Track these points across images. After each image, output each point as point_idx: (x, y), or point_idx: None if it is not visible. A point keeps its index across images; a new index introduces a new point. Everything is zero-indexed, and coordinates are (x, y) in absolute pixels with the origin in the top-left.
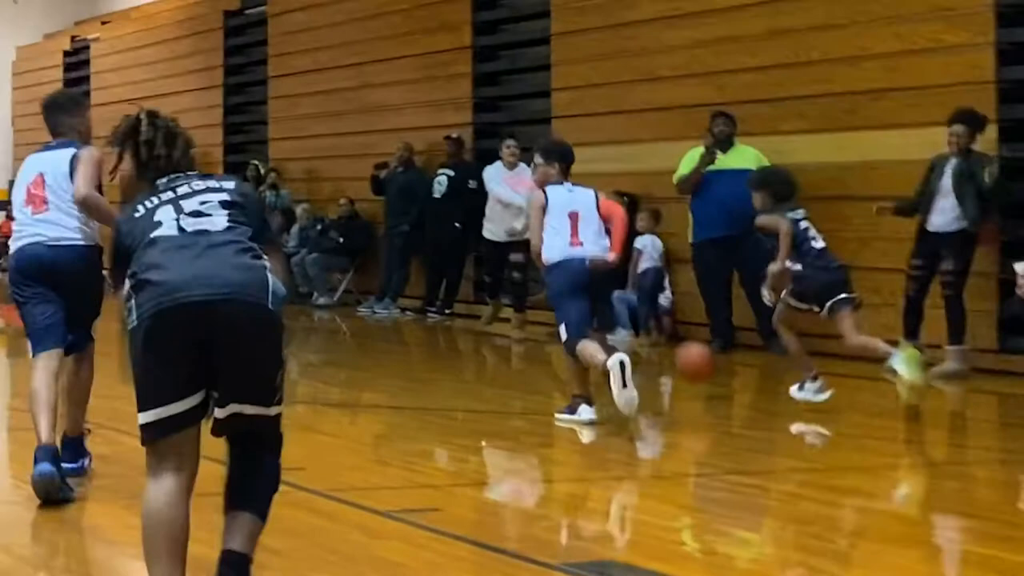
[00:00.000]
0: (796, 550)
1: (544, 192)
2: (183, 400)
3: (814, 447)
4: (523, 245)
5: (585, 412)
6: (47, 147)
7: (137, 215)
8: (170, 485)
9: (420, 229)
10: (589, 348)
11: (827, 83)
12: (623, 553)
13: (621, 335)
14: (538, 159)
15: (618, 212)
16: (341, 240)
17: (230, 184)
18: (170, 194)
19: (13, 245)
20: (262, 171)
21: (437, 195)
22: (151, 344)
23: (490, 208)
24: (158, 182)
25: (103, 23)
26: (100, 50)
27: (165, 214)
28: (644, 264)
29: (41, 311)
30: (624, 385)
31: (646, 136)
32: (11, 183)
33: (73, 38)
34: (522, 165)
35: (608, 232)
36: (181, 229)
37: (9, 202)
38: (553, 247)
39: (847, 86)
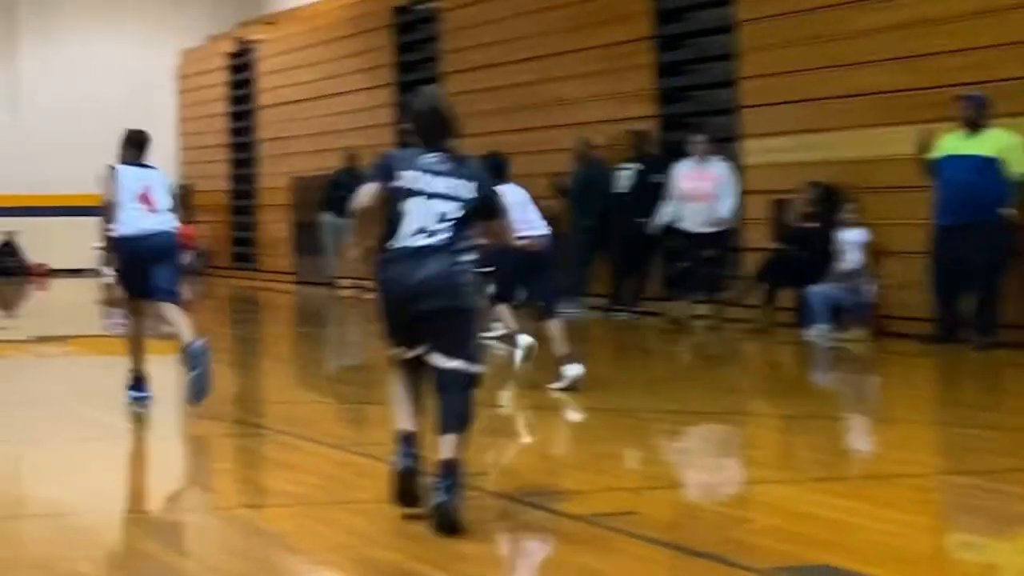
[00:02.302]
0: None
1: None
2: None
3: None
4: (715, 238)
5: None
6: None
7: None
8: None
9: (604, 225)
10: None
11: None
12: (838, 557)
13: (820, 330)
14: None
15: None
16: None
17: None
18: None
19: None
20: None
21: (622, 190)
22: None
23: (675, 201)
24: None
25: (268, 24)
26: (265, 51)
27: None
28: (849, 257)
29: None
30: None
31: (840, 124)
32: (181, 187)
33: (238, 40)
34: (712, 158)
35: None
36: None
37: (181, 206)
38: None
39: None
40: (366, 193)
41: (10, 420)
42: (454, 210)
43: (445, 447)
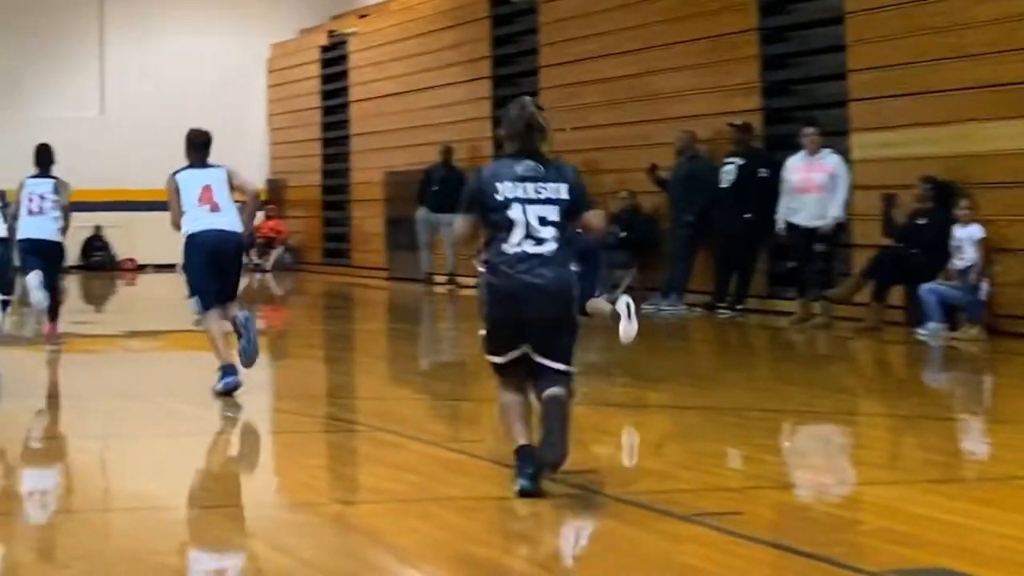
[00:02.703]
0: None
1: None
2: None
3: None
4: (824, 233)
5: None
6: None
7: None
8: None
9: (706, 221)
10: None
11: None
12: (953, 561)
13: (933, 328)
14: None
15: None
16: (623, 234)
17: None
18: None
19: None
20: None
21: (725, 184)
22: None
23: (788, 195)
24: None
25: (361, 16)
26: (358, 44)
27: None
28: (963, 254)
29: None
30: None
31: (953, 118)
32: (269, 181)
33: (330, 33)
34: (824, 151)
35: None
36: None
37: (271, 201)
38: None
39: None
40: (462, 225)
41: (101, 414)
42: (553, 213)
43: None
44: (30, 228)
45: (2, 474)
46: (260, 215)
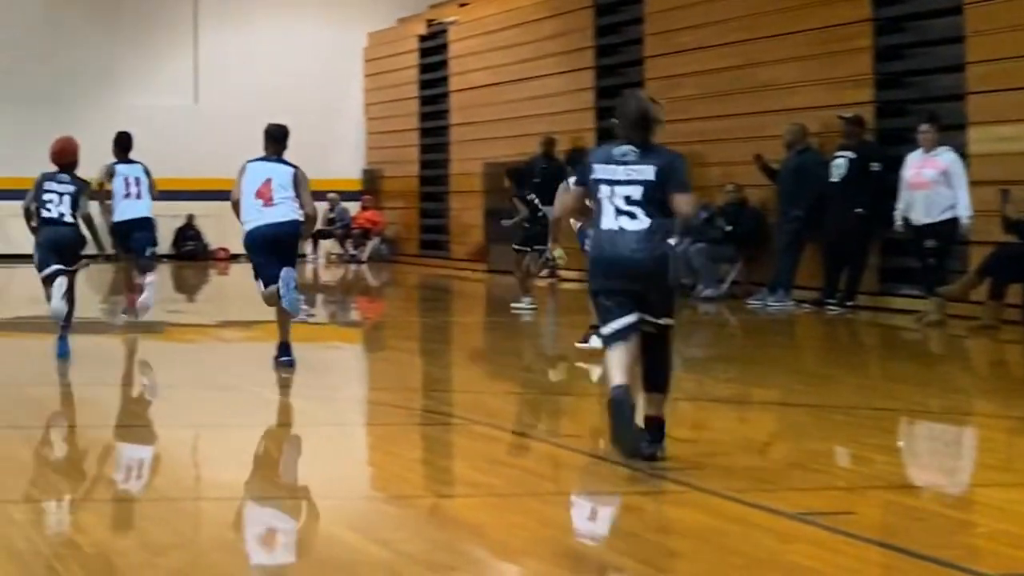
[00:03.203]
0: None
1: None
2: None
3: None
4: (939, 229)
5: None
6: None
7: None
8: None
9: (815, 215)
10: None
11: None
12: None
13: None
14: None
15: None
16: (728, 228)
17: None
18: None
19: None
20: None
21: (835, 179)
22: None
23: (905, 191)
24: None
25: (461, 5)
26: (458, 33)
27: None
28: None
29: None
30: None
31: None
32: (365, 171)
33: (429, 22)
34: (940, 148)
35: None
36: None
37: (367, 191)
38: None
39: None
40: (571, 195)
41: (195, 404)
42: (638, 193)
43: (651, 405)
44: (129, 210)
45: (97, 461)
46: (356, 205)
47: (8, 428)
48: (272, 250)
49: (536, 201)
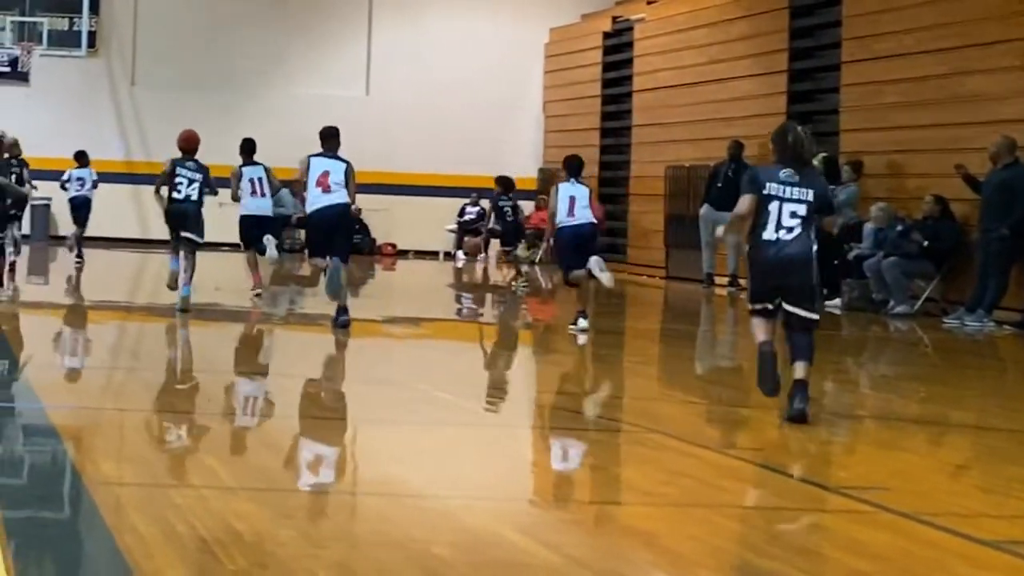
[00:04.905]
0: None
1: None
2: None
3: None
4: None
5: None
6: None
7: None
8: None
9: (1023, 233)
10: None
11: None
12: None
13: None
14: None
15: None
16: (925, 243)
17: None
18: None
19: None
20: (841, 163)
21: None
22: None
23: None
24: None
25: (649, 2)
26: (645, 31)
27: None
28: None
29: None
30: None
31: None
32: (541, 170)
33: (614, 19)
34: None
35: None
36: None
37: (543, 191)
38: None
39: None
40: (745, 203)
41: (364, 400)
42: (802, 210)
43: (799, 370)
44: (253, 206)
45: (256, 450)
46: (531, 205)
47: (168, 413)
48: (329, 227)
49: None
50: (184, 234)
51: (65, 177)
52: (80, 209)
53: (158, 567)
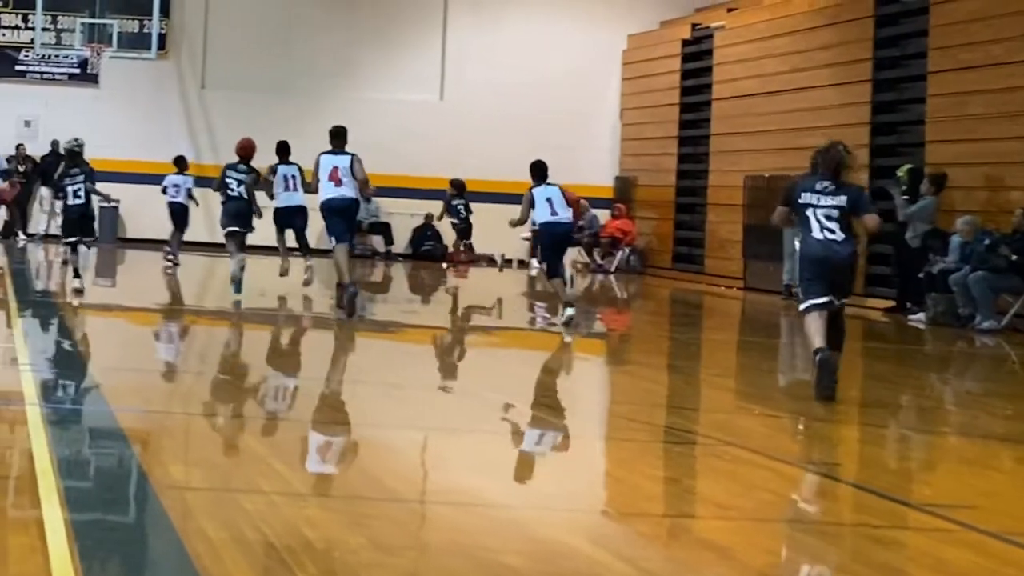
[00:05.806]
0: None
1: None
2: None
3: None
4: None
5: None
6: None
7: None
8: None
9: None
10: None
11: None
12: None
13: None
14: None
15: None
16: (1014, 257)
17: None
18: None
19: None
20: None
21: None
22: None
23: None
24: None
25: (729, 10)
26: (725, 39)
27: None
28: None
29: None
30: None
31: None
32: (617, 179)
33: (694, 26)
34: None
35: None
36: None
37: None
38: None
39: None
40: (778, 213)
41: (430, 407)
42: (835, 213)
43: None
44: (286, 199)
45: (326, 457)
46: (606, 214)
47: (237, 417)
48: (338, 215)
49: None
50: (230, 228)
51: (164, 183)
52: (176, 215)
53: (227, 572)
